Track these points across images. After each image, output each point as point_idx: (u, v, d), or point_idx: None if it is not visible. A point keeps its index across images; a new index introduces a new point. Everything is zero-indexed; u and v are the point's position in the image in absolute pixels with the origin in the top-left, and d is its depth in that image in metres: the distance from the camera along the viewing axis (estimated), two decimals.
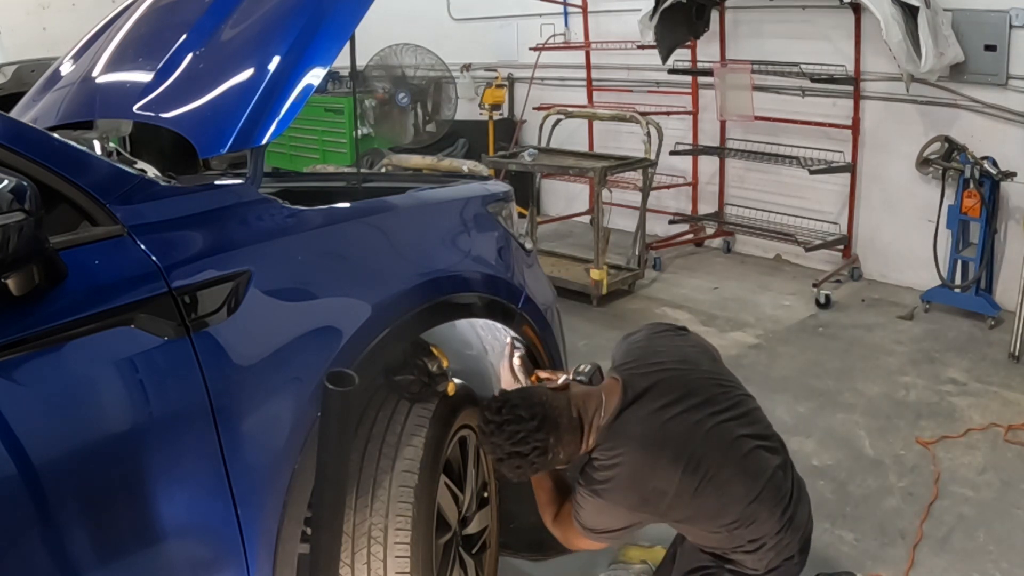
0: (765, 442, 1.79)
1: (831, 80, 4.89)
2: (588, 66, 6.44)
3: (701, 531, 1.76)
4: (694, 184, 6.15)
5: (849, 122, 5.11)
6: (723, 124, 5.80)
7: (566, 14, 6.63)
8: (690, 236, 6.14)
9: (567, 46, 6.49)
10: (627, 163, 5.02)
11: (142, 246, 1.35)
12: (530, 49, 6.51)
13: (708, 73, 5.45)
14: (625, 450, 1.69)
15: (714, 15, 5.47)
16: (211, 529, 1.39)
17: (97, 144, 1.84)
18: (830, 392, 3.74)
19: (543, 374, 1.97)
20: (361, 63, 6.20)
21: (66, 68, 2.22)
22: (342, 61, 2.00)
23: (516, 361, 1.97)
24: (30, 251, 1.14)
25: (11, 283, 1.14)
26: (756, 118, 5.25)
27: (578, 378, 1.86)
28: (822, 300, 4.82)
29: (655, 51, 5.40)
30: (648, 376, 1.77)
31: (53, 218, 1.36)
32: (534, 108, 6.42)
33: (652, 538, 2.49)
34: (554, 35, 6.64)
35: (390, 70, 6.58)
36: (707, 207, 6.12)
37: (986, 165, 4.34)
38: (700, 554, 1.84)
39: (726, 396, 1.80)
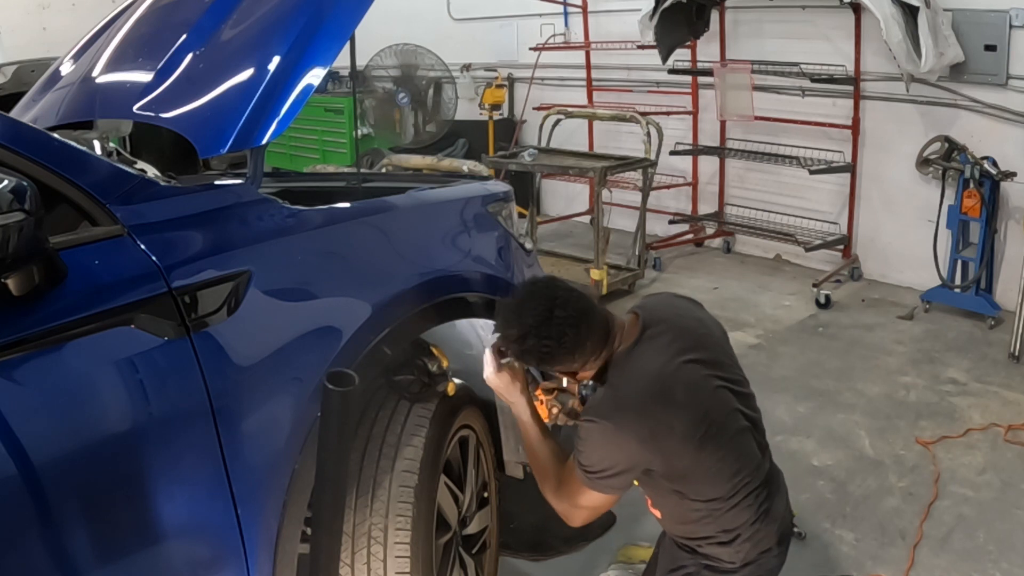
0: (756, 432, 1.80)
1: (831, 80, 4.89)
2: (588, 66, 6.43)
3: (688, 504, 1.72)
4: (694, 184, 6.15)
5: (849, 122, 5.11)
6: (723, 124, 5.80)
7: (566, 14, 6.62)
8: (690, 236, 6.14)
9: (567, 46, 6.49)
10: (627, 163, 5.01)
11: (142, 246, 1.35)
12: (530, 49, 6.51)
13: (708, 73, 5.44)
14: (641, 377, 1.66)
15: (714, 15, 5.47)
16: (211, 529, 1.39)
17: (97, 144, 1.84)
18: (830, 392, 3.74)
19: (547, 385, 1.95)
20: (361, 63, 6.21)
21: (66, 68, 2.22)
22: (342, 61, 2.00)
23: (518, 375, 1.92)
24: (30, 251, 1.14)
25: (11, 283, 1.14)
26: (756, 118, 5.24)
27: (583, 391, 1.85)
28: (822, 300, 4.82)
29: (655, 51, 5.40)
30: (666, 320, 1.76)
31: (53, 218, 1.36)
32: (534, 108, 6.42)
33: (652, 538, 2.49)
34: (554, 35, 6.64)
35: (391, 70, 6.58)
36: (707, 207, 6.11)
37: (986, 165, 4.34)
38: (678, 551, 1.83)
39: (732, 369, 1.80)
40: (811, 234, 5.28)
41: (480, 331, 2.21)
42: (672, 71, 5.66)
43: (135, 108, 1.80)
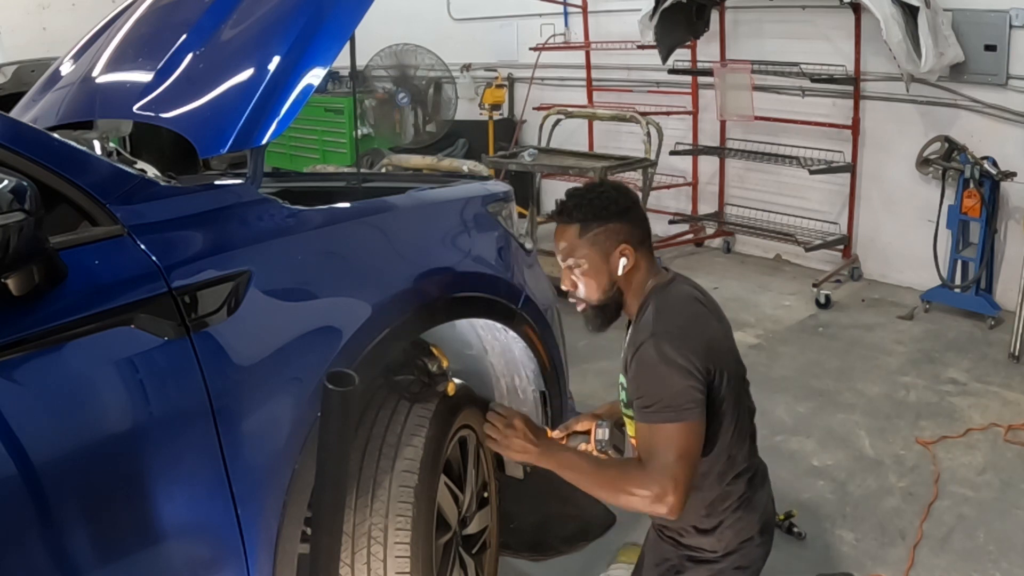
0: (751, 418, 1.80)
1: (831, 80, 4.89)
2: (588, 66, 6.43)
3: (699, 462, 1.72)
4: (694, 184, 6.15)
5: (849, 122, 5.11)
6: (723, 124, 5.80)
7: (566, 14, 6.62)
8: (690, 236, 6.14)
9: (567, 46, 6.49)
10: (627, 163, 5.01)
11: (142, 246, 1.35)
12: (530, 49, 6.51)
13: (708, 73, 5.44)
14: (686, 298, 1.71)
15: (714, 15, 5.47)
16: (211, 529, 1.39)
17: (97, 144, 1.84)
18: (830, 392, 3.74)
19: (555, 433, 1.93)
20: (361, 63, 6.20)
21: (66, 68, 2.23)
22: (342, 61, 2.00)
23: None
24: (30, 251, 1.14)
25: (11, 283, 1.14)
26: (756, 118, 5.24)
27: (600, 447, 1.84)
28: (822, 300, 4.82)
29: (655, 51, 5.40)
30: (690, 282, 1.80)
31: (53, 218, 1.36)
32: (534, 108, 6.42)
33: None
34: (554, 35, 6.64)
35: (391, 70, 6.58)
36: (707, 207, 6.12)
37: (986, 165, 4.34)
38: (662, 545, 1.83)
39: (737, 351, 1.81)
40: (811, 234, 5.29)
41: (480, 331, 2.21)
42: (672, 71, 5.67)
43: (135, 108, 1.81)
